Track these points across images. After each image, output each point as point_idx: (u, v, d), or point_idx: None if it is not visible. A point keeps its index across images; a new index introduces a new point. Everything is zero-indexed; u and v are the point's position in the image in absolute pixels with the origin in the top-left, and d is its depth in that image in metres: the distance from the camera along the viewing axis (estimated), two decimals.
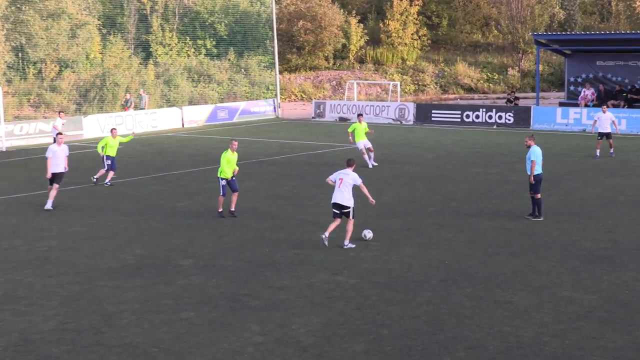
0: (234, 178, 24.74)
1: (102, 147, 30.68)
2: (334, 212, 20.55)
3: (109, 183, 30.65)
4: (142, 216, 24.95)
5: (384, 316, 15.23)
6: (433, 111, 51.58)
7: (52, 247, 21.34)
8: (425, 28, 75.62)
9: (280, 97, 62.50)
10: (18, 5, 53.88)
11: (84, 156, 39.51)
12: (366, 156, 33.21)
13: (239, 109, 56.81)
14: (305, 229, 22.67)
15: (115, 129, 31.76)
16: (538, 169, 23.11)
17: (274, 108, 59.43)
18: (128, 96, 52.70)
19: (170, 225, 23.56)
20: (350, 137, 34.17)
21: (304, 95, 69.97)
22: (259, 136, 46.10)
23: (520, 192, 26.81)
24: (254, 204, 26.00)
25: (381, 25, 74.12)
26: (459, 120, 49.86)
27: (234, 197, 24.78)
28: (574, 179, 29.74)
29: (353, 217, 20.47)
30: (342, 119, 54.56)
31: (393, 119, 52.34)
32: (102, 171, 30.75)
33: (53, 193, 26.22)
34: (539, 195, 23.18)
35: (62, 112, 44.08)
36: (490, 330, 14.38)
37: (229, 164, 24.55)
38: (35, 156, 38.16)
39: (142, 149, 41.02)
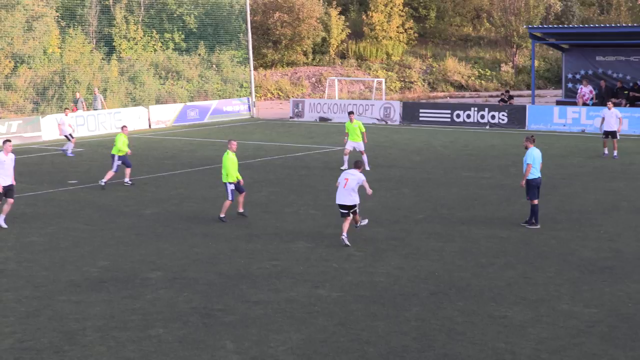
0: (240, 181, 25.29)
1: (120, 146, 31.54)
2: (341, 212, 21.99)
3: (129, 182, 31.73)
4: (105, 225, 24.91)
5: (369, 332, 15.28)
6: (421, 110, 51.76)
7: (8, 258, 21.27)
8: (412, 20, 75.96)
9: (255, 96, 62.56)
10: None
11: (42, 160, 39.43)
12: (346, 157, 33.27)
13: (210, 108, 56.82)
14: (284, 238, 22.70)
15: (126, 126, 32.91)
16: (535, 173, 23.25)
17: (249, 107, 59.48)
18: (78, 95, 52.14)
19: (137, 235, 23.54)
20: (345, 139, 34.14)
21: (280, 93, 70.08)
22: (232, 138, 46.05)
23: (515, 198, 26.96)
24: (227, 212, 25.98)
25: (364, 17, 74.37)
26: (448, 120, 50.05)
27: (242, 198, 25.55)
28: (573, 184, 29.92)
29: (358, 212, 22.22)
30: (322, 119, 54.65)
31: (378, 119, 52.44)
32: (111, 173, 31.41)
33: (6, 208, 25.07)
34: (535, 201, 23.31)
35: (68, 108, 44.09)
36: (484, 347, 14.46)
37: (234, 166, 25.03)
38: None
39: (105, 152, 40.85)
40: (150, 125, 52.88)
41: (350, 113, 34.35)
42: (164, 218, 25.68)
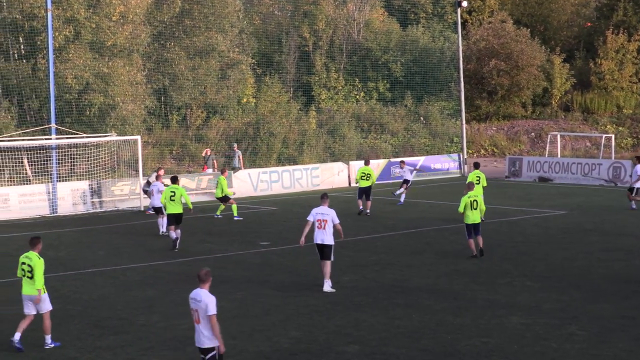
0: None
1: None
2: None
3: None
4: (299, 292, 25.20)
5: None
6: None
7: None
8: None
9: (467, 152, 62.43)
10: (162, 42, 55.70)
11: (232, 218, 40.38)
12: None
13: (416, 165, 56.94)
14: (496, 312, 22.42)
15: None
16: None
17: (459, 164, 59.41)
18: (207, 152, 51.48)
19: (332, 304, 23.71)
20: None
21: (495, 150, 69.72)
22: (440, 198, 46.06)
23: None
24: (433, 281, 25.92)
25: (592, 65, 73.28)
26: None
27: (480, 239, 29.57)
28: None
29: None
30: (542, 179, 54.02)
31: (606, 180, 51.48)
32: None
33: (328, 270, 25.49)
34: None
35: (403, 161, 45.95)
36: None
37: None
38: None
39: (299, 211, 41.52)
40: (350, 183, 53.40)
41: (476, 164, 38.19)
42: (362, 286, 25.80)
